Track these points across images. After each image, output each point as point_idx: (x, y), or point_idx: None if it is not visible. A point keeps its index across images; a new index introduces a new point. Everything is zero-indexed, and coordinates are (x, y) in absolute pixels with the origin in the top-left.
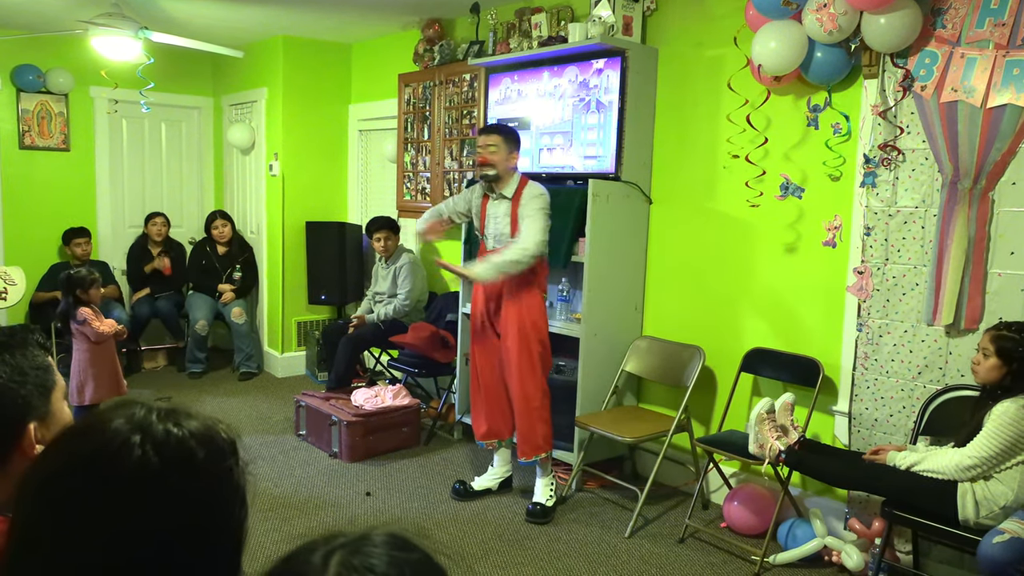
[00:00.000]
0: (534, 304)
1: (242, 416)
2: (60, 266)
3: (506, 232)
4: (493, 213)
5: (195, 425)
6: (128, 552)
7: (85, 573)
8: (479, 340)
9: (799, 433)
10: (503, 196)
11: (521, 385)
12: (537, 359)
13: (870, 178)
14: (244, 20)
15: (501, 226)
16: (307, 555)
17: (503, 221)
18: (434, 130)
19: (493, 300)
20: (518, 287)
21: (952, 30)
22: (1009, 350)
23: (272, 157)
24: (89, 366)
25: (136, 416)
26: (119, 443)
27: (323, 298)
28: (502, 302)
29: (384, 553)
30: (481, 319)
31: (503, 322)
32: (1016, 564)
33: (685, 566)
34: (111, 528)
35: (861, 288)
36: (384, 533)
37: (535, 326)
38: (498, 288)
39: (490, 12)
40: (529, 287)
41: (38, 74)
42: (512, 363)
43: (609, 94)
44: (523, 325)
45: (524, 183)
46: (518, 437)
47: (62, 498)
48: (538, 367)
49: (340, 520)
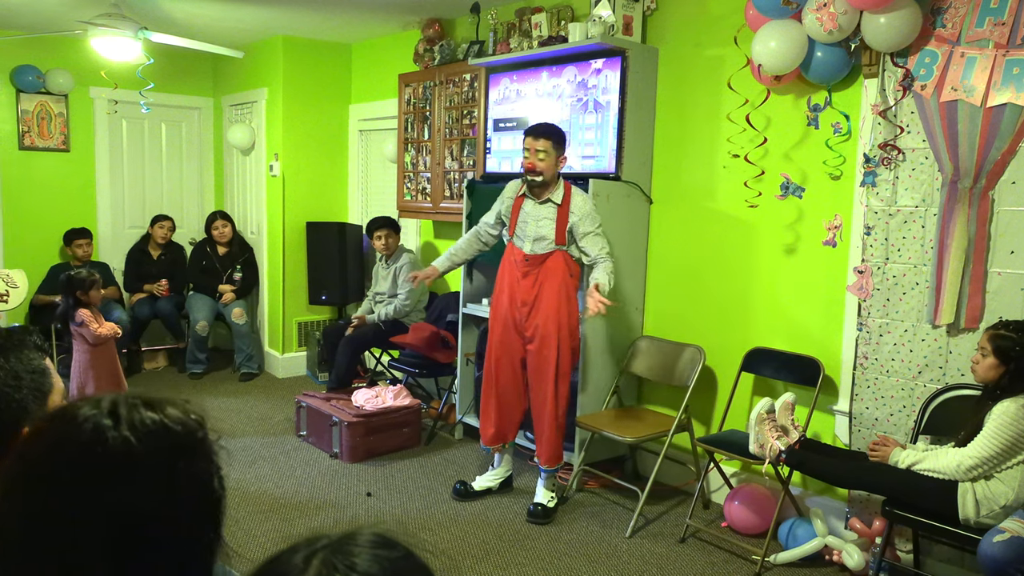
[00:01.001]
0: (574, 308)
1: (243, 417)
2: (60, 267)
3: (550, 237)
4: (534, 215)
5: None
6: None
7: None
8: (501, 343)
9: (800, 432)
10: (551, 202)
11: (552, 391)
12: (568, 364)
13: (870, 177)
14: (244, 20)
15: (544, 230)
16: (290, 555)
17: (547, 225)
18: (434, 130)
19: (528, 305)
20: (559, 292)
21: (952, 29)
22: (1007, 350)
23: (272, 157)
24: (89, 367)
25: (103, 403)
26: (91, 428)
27: (323, 298)
28: (539, 307)
29: (366, 551)
30: (504, 323)
31: (540, 327)
32: (1016, 563)
33: (686, 566)
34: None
35: (861, 287)
36: (368, 532)
37: (572, 332)
38: (535, 293)
39: (490, 12)
40: (571, 292)
41: (38, 75)
42: (548, 368)
43: (607, 94)
44: (562, 329)
45: (569, 189)
46: (542, 444)
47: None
48: (568, 372)
49: (341, 520)
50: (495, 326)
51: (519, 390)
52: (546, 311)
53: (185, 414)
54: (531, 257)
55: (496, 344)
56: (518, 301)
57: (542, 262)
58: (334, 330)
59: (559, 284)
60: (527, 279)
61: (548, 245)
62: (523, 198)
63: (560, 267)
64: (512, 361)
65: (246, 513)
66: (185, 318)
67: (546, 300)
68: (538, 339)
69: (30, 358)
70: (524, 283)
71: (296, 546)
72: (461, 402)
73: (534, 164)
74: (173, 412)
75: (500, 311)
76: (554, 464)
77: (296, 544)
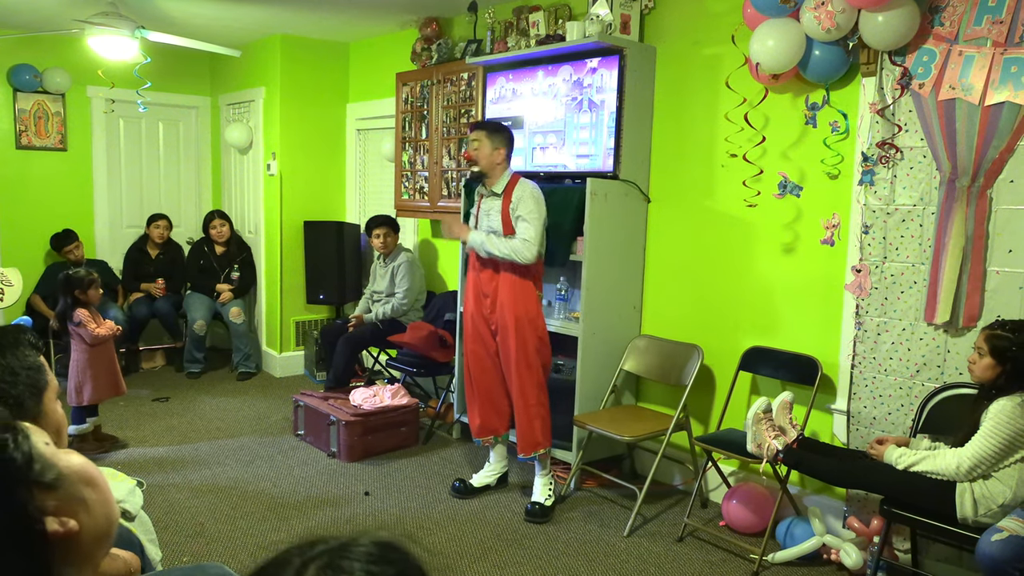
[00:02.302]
0: (531, 299)
1: (240, 416)
2: (58, 266)
3: (498, 229)
4: (486, 209)
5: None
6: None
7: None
8: (472, 338)
9: (798, 431)
10: (494, 193)
11: (519, 381)
12: (535, 354)
13: (868, 176)
14: (241, 19)
15: (494, 223)
16: (282, 566)
17: (495, 218)
18: (432, 129)
19: (489, 297)
20: (514, 283)
21: (950, 28)
22: (1003, 350)
23: (270, 156)
24: (87, 366)
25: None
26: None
27: (321, 297)
28: (497, 298)
29: (361, 567)
30: (473, 317)
31: (499, 318)
32: (1014, 562)
33: (684, 565)
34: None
35: (859, 286)
36: (367, 543)
37: (532, 322)
38: (494, 285)
39: (488, 11)
40: (524, 283)
41: (35, 74)
42: (511, 359)
43: (601, 93)
44: (519, 319)
45: (515, 180)
46: (517, 434)
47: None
48: (535, 362)
49: (339, 520)
50: (466, 321)
51: (499, 382)
52: (504, 302)
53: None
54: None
55: (469, 339)
56: (480, 294)
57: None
58: (332, 329)
59: (512, 276)
60: (485, 272)
61: (498, 236)
62: (482, 196)
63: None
64: (487, 353)
65: (243, 512)
66: (183, 317)
67: (503, 291)
68: (501, 330)
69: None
70: (483, 276)
71: (289, 554)
72: (459, 401)
73: (469, 153)
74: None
75: (468, 307)
76: (529, 452)
77: (290, 550)
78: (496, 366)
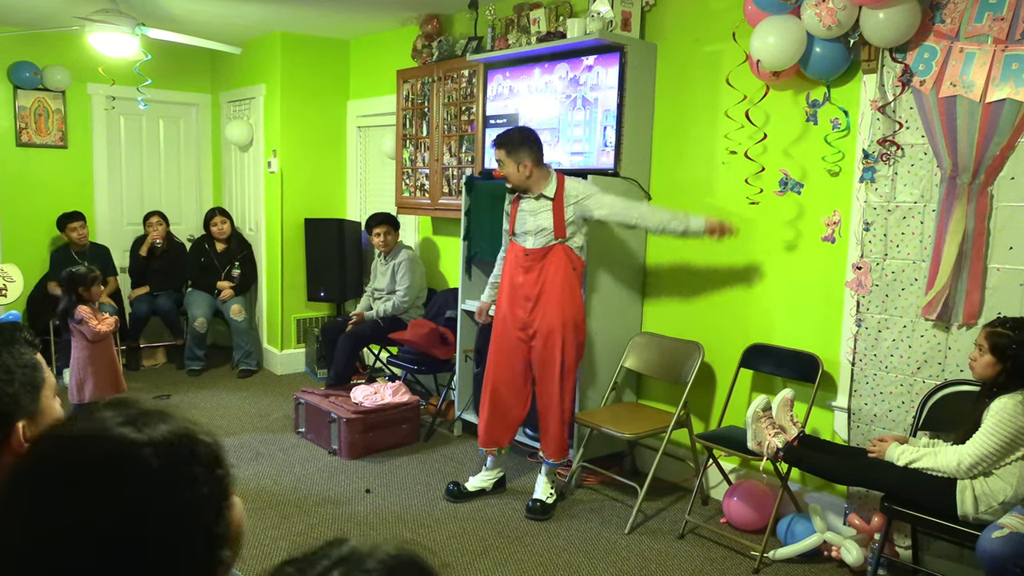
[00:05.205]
0: (579, 302)
1: (241, 413)
2: (61, 251)
3: (548, 227)
4: (530, 209)
5: (161, 431)
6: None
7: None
8: (501, 343)
9: (798, 429)
10: (544, 196)
11: (559, 385)
12: (574, 361)
13: (869, 173)
14: (242, 16)
15: (543, 221)
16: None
17: (545, 216)
18: (433, 126)
19: (531, 300)
20: (563, 285)
21: (951, 25)
22: (1003, 347)
23: (270, 154)
24: (88, 364)
25: (101, 420)
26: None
27: (322, 295)
28: (540, 300)
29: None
30: (506, 321)
31: (542, 321)
32: (1015, 559)
33: (685, 562)
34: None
35: (860, 283)
36: (375, 564)
37: (578, 327)
38: (537, 287)
39: (489, 8)
40: (575, 286)
41: (35, 71)
42: (554, 362)
43: (596, 90)
44: (566, 324)
45: (563, 181)
46: (548, 438)
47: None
48: (574, 368)
49: (339, 517)
50: (496, 327)
51: (517, 394)
52: (550, 306)
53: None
54: (532, 252)
55: (495, 346)
56: (520, 297)
57: (544, 256)
58: (333, 327)
59: (562, 278)
60: (530, 274)
61: (548, 235)
62: (519, 198)
63: (562, 261)
64: (511, 363)
65: (245, 510)
66: (184, 315)
67: (549, 295)
68: (542, 335)
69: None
70: (527, 279)
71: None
72: (460, 398)
73: (499, 173)
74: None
75: (500, 312)
76: (560, 457)
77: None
78: (519, 377)
